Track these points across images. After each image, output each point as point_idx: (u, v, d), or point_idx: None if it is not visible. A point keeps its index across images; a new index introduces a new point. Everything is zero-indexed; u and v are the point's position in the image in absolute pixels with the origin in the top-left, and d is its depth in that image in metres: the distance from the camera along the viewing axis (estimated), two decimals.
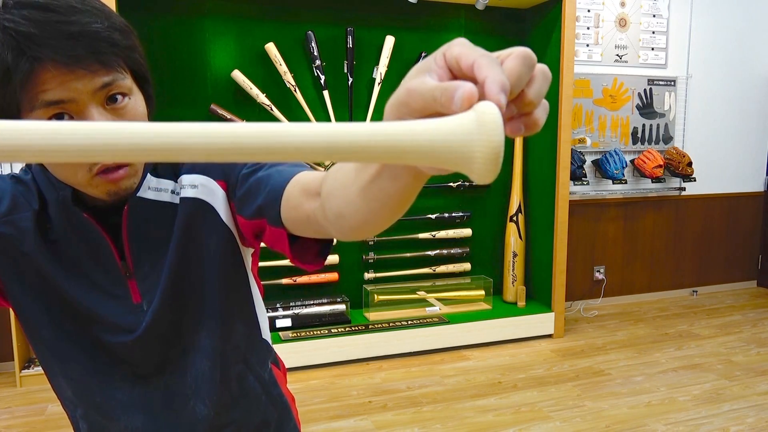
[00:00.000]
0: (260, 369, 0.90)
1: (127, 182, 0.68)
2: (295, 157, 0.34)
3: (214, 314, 0.81)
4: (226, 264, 0.80)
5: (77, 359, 0.77)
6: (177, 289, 0.77)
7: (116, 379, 0.79)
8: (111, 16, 0.64)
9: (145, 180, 0.74)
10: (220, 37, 3.20)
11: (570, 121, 3.45)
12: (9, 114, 0.60)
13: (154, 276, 0.76)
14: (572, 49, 3.41)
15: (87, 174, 0.65)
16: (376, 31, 3.44)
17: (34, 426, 2.56)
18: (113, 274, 0.75)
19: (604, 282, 4.34)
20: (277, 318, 3.24)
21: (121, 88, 0.64)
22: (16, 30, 0.57)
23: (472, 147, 0.33)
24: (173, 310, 0.78)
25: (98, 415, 0.80)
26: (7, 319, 2.94)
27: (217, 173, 0.77)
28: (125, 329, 0.76)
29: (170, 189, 0.76)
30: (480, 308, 3.67)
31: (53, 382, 0.82)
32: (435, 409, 2.71)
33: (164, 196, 0.76)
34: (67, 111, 0.61)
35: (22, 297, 0.74)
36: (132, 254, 0.75)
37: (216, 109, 3.15)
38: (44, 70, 0.58)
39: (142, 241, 0.75)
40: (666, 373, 3.12)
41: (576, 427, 2.54)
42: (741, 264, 4.83)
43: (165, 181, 0.76)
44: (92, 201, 0.72)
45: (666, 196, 4.44)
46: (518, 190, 3.78)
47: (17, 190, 0.72)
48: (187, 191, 0.76)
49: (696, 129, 4.45)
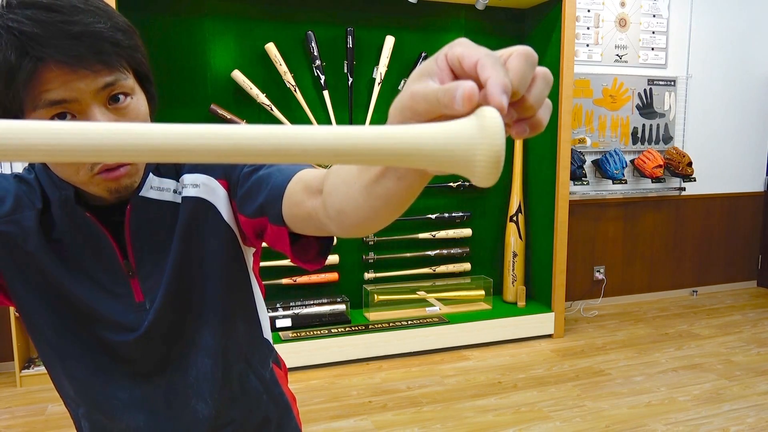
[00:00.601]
0: (261, 368, 0.90)
1: (128, 181, 0.69)
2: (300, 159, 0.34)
3: (216, 313, 0.81)
4: (228, 263, 0.80)
5: (80, 358, 0.77)
6: (179, 288, 0.77)
7: (118, 377, 0.79)
8: (114, 17, 0.64)
9: (147, 180, 0.75)
10: (220, 37, 3.20)
11: (570, 121, 3.45)
12: (12, 113, 0.61)
13: (156, 275, 0.76)
14: (572, 49, 3.41)
15: (88, 173, 0.65)
16: (376, 31, 3.44)
17: (34, 426, 2.56)
18: (115, 273, 0.75)
19: (604, 282, 4.34)
20: (277, 318, 3.24)
21: (123, 87, 0.64)
22: (20, 30, 0.57)
23: (474, 152, 0.33)
24: (175, 309, 0.78)
25: (100, 414, 0.80)
26: (7, 319, 2.94)
27: (219, 172, 0.77)
28: (127, 328, 0.77)
29: (172, 188, 0.77)
30: (480, 308, 3.67)
31: (56, 381, 0.82)
32: (435, 409, 2.71)
33: (166, 196, 0.76)
34: (70, 110, 0.62)
35: (25, 295, 0.74)
36: (134, 253, 0.75)
37: (216, 109, 3.15)
38: (47, 70, 0.59)
39: (145, 240, 0.75)
40: (666, 373, 3.12)
41: (576, 427, 2.54)
42: (741, 264, 4.83)
43: (167, 181, 0.76)
44: (95, 200, 0.73)
45: (666, 196, 4.44)
46: (518, 190, 3.78)
47: (20, 190, 0.73)
48: (189, 190, 0.76)
49: (696, 129, 4.45)
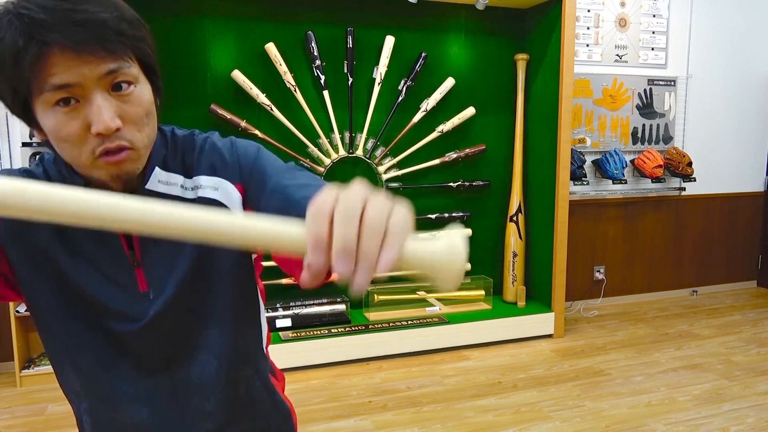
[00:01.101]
0: (265, 375, 0.91)
1: (130, 166, 0.70)
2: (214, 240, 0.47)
3: (226, 314, 0.82)
4: (240, 266, 0.82)
5: (86, 349, 0.78)
6: (191, 285, 0.78)
7: (124, 370, 0.80)
8: (121, 8, 0.66)
9: (154, 173, 0.76)
10: (220, 37, 3.20)
11: (570, 121, 3.45)
12: (22, 96, 0.65)
13: (162, 266, 0.78)
14: (572, 49, 3.41)
15: (90, 155, 0.67)
16: (376, 31, 3.44)
17: (34, 426, 2.56)
18: (120, 263, 0.77)
19: (604, 282, 4.34)
20: (277, 318, 3.24)
21: (126, 76, 0.66)
22: (29, 16, 0.61)
23: (441, 270, 0.46)
24: (183, 303, 0.79)
25: (104, 407, 0.81)
26: (7, 318, 2.94)
27: (236, 177, 0.79)
28: (131, 318, 0.77)
29: (179, 183, 0.78)
30: (480, 308, 3.67)
31: (61, 376, 0.83)
32: (435, 409, 2.71)
33: (174, 190, 0.77)
34: (74, 95, 0.64)
35: (34, 286, 0.76)
36: (140, 244, 0.77)
37: (216, 109, 3.16)
38: (52, 54, 0.62)
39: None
40: (666, 373, 3.12)
41: (576, 427, 2.54)
42: (741, 264, 4.83)
43: (174, 176, 0.78)
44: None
45: (666, 196, 4.44)
46: (518, 190, 3.78)
47: None
48: (208, 192, 0.78)
49: (696, 129, 4.45)
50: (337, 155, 3.44)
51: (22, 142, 2.99)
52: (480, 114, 3.72)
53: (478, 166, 3.79)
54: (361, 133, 3.47)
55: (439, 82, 3.57)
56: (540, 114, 3.66)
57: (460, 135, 3.72)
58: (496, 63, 3.76)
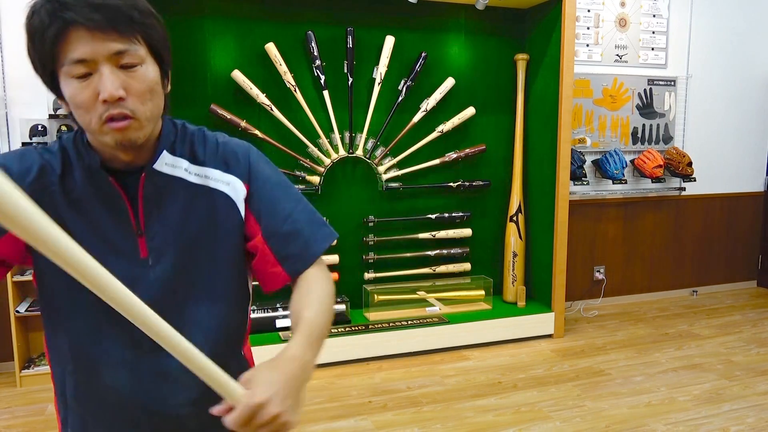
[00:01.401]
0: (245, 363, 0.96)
1: (133, 134, 0.78)
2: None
3: (219, 295, 0.89)
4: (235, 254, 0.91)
5: (80, 309, 0.84)
6: (188, 255, 0.87)
7: (114, 336, 0.85)
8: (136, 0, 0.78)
9: (162, 156, 0.85)
10: (220, 37, 3.20)
11: (570, 121, 3.45)
12: (49, 70, 0.76)
13: (161, 236, 0.85)
14: (572, 49, 3.41)
15: (99, 121, 0.76)
16: (376, 31, 3.44)
17: (34, 426, 2.56)
18: (125, 231, 0.85)
19: (604, 282, 4.34)
20: (277, 318, 3.24)
21: (133, 57, 0.76)
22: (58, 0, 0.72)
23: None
24: (181, 274, 0.86)
25: (89, 370, 0.87)
26: (7, 318, 2.94)
27: (244, 176, 0.90)
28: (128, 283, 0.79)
29: (184, 167, 0.87)
30: (480, 308, 3.67)
31: (51, 338, 0.89)
32: (435, 409, 2.71)
33: (178, 172, 0.87)
34: (89, 69, 0.74)
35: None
36: (144, 214, 0.85)
37: (216, 109, 3.16)
38: (71, 32, 0.73)
39: (154, 205, 0.86)
40: (666, 373, 3.12)
41: (576, 427, 2.54)
42: (741, 264, 4.83)
43: (181, 160, 0.88)
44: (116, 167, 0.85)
45: (666, 196, 4.44)
46: (518, 190, 3.78)
47: (44, 159, 0.84)
48: (220, 185, 0.89)
49: (696, 129, 4.45)
50: (337, 155, 3.44)
51: (22, 142, 2.99)
52: (480, 114, 3.72)
53: (478, 166, 3.80)
54: (361, 133, 3.48)
55: (439, 82, 3.57)
56: (540, 114, 3.66)
57: (460, 135, 3.72)
58: (496, 63, 3.77)
